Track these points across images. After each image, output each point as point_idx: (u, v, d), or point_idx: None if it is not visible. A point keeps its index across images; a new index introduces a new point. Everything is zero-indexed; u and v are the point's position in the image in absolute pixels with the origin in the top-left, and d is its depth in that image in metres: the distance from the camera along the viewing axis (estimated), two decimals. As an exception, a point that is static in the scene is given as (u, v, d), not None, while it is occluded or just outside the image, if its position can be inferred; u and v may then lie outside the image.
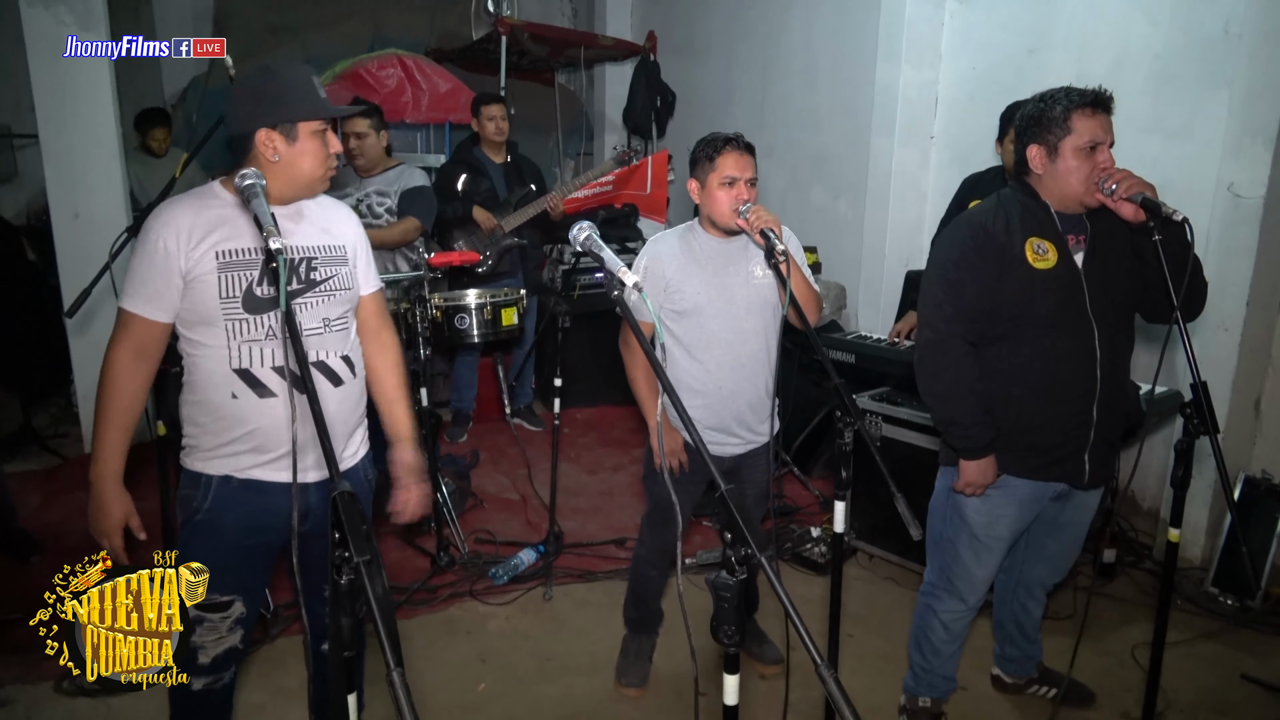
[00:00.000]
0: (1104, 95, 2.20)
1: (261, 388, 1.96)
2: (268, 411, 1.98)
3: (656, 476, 2.77)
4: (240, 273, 1.93)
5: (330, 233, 2.10)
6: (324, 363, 2.04)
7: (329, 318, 2.05)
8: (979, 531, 2.45)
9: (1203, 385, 2.12)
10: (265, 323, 1.95)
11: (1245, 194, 3.44)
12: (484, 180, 4.83)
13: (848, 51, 5.21)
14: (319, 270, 2.04)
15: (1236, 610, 3.39)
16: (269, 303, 1.94)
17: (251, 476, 2.00)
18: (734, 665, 1.53)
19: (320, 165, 1.99)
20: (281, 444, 2.00)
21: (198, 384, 1.98)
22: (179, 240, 1.90)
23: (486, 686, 2.96)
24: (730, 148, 2.49)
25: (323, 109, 1.97)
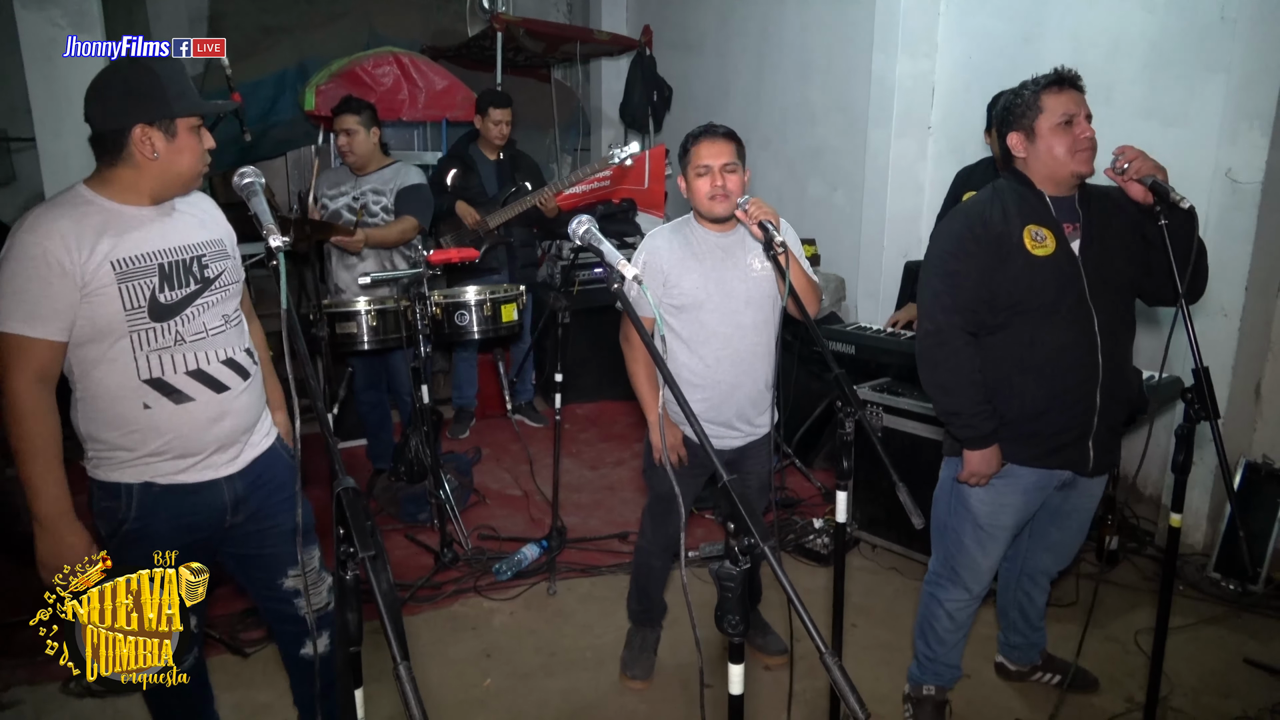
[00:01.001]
0: (1068, 73, 2.27)
1: (178, 394, 1.93)
2: (186, 417, 1.94)
3: (656, 469, 2.78)
4: (140, 281, 1.86)
5: (207, 227, 2.05)
6: (232, 359, 2.03)
7: (228, 314, 2.04)
8: (983, 521, 2.45)
9: (1204, 370, 2.13)
10: (172, 329, 1.91)
11: (1243, 179, 3.44)
12: (474, 176, 4.82)
13: (843, 43, 5.21)
14: (210, 267, 2.00)
15: (1238, 595, 3.40)
16: (175, 307, 1.91)
17: (175, 481, 1.97)
18: (739, 655, 1.54)
19: (198, 162, 1.93)
20: (205, 446, 1.98)
21: (100, 399, 1.88)
22: (69, 252, 1.77)
23: (492, 682, 2.97)
24: (703, 137, 2.52)
25: (201, 105, 1.93)
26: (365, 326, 3.69)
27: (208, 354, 1.97)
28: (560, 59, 7.24)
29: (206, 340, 1.98)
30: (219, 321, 2.00)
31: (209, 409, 1.98)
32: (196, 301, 1.96)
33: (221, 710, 2.53)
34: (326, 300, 3.79)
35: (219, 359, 2.00)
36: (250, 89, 6.10)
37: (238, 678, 2.94)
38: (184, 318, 1.93)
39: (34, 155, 4.64)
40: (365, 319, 3.67)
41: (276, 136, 6.39)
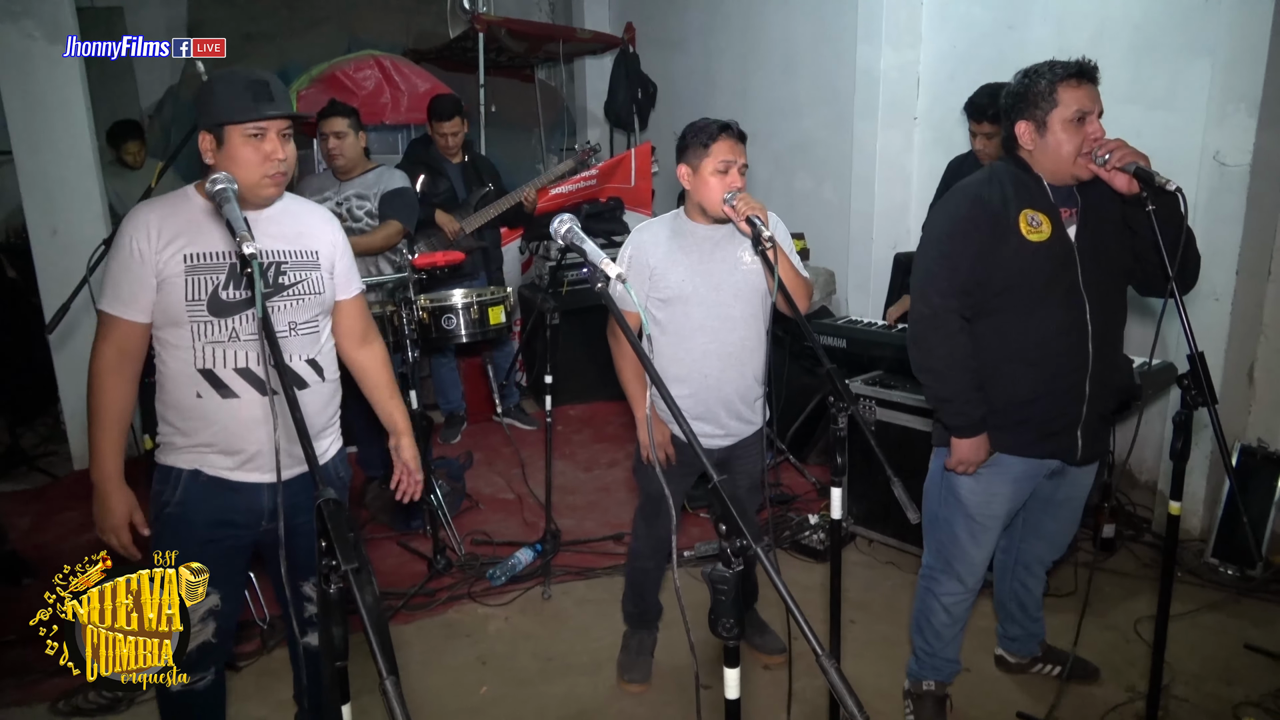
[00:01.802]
0: (1088, 65, 2.19)
1: (225, 389, 1.99)
2: (231, 412, 2.00)
3: (645, 469, 2.75)
4: (206, 276, 1.95)
5: (304, 237, 2.11)
6: (288, 366, 2.03)
7: (295, 321, 2.07)
8: (974, 511, 2.43)
9: (1200, 356, 2.10)
10: (229, 325, 1.97)
11: (1230, 162, 3.42)
12: (443, 181, 4.78)
13: (827, 35, 5.18)
14: (288, 274, 2.05)
15: (1237, 580, 3.39)
16: (234, 306, 1.97)
17: (220, 475, 2.03)
18: (734, 659, 1.51)
19: (254, 170, 1.95)
20: (247, 446, 2.02)
21: (166, 383, 2.01)
22: (149, 242, 1.92)
23: (489, 689, 2.94)
24: (726, 135, 2.47)
25: (242, 113, 1.92)
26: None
27: (259, 355, 2.00)
28: (543, 58, 7.21)
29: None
30: (282, 327, 2.03)
31: (254, 409, 2.00)
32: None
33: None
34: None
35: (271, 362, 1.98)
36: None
37: (231, 691, 2.87)
38: (244, 317, 1.97)
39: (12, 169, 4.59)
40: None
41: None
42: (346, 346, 2.28)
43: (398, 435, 2.34)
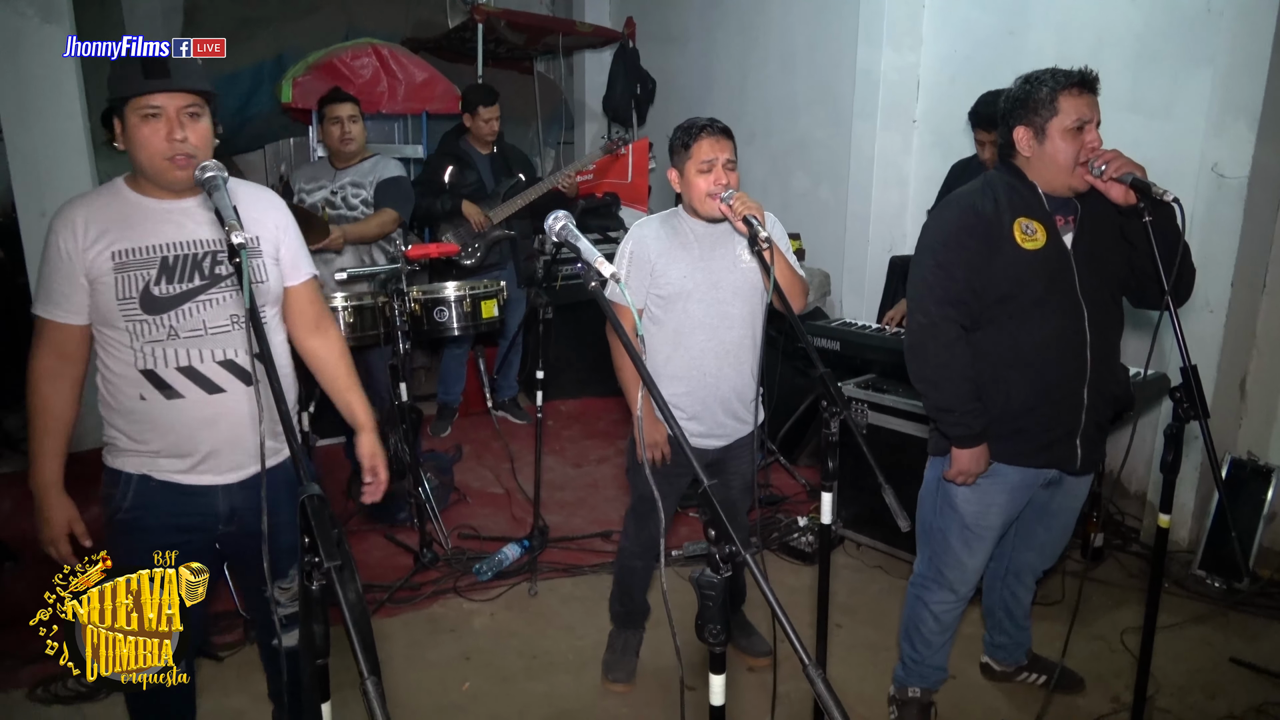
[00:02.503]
0: (1090, 75, 2.18)
1: (168, 389, 1.90)
2: (177, 414, 1.92)
3: (640, 469, 2.73)
4: (136, 272, 1.86)
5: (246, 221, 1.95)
6: (233, 361, 1.95)
7: (238, 314, 1.95)
8: (970, 521, 2.41)
9: (1193, 369, 2.09)
10: (166, 323, 1.88)
11: (1229, 173, 3.42)
12: (471, 172, 4.76)
13: (827, 35, 5.17)
14: (226, 264, 1.92)
15: (1224, 592, 3.39)
16: (169, 301, 1.88)
17: (171, 480, 1.96)
18: (720, 665, 1.49)
19: (152, 153, 1.83)
20: (197, 448, 1.94)
21: (108, 384, 1.94)
22: (76, 240, 1.85)
23: (471, 685, 2.92)
24: (705, 133, 2.45)
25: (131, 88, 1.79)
26: (341, 323, 3.62)
27: (201, 352, 1.91)
28: (542, 51, 7.17)
29: (204, 338, 1.91)
30: (224, 320, 1.93)
31: (201, 409, 1.92)
32: (199, 297, 1.90)
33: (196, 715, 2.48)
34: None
35: (215, 359, 1.93)
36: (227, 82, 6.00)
37: (212, 681, 2.88)
38: (181, 312, 1.89)
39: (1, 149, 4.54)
40: (342, 315, 3.60)
41: (254, 130, 6.30)
42: (299, 335, 2.16)
43: (359, 430, 2.21)
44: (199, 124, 1.86)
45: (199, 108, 1.86)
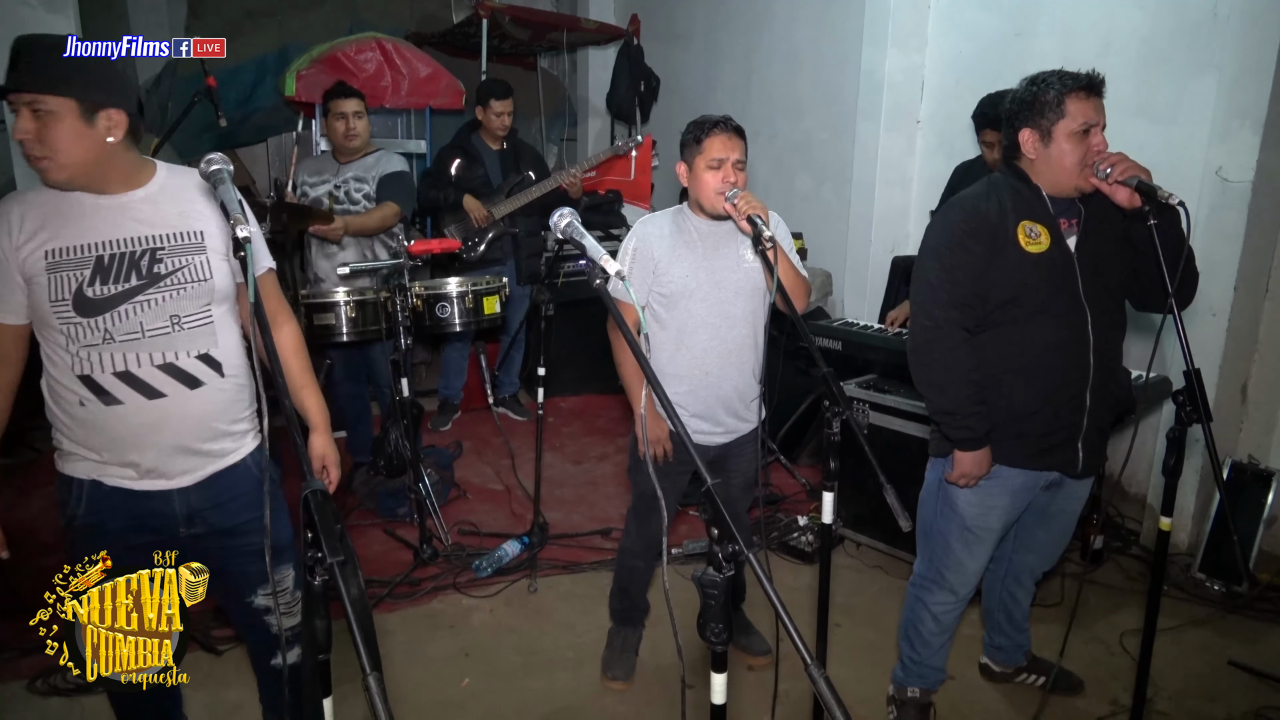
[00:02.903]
0: (1097, 78, 2.17)
1: (106, 395, 1.84)
2: (117, 420, 1.85)
3: (641, 467, 2.73)
4: (69, 273, 1.79)
5: (187, 217, 1.89)
6: (174, 364, 1.87)
7: (179, 315, 1.87)
8: (971, 523, 2.41)
9: (1196, 373, 2.09)
10: (101, 326, 1.80)
11: (1233, 178, 3.42)
12: (478, 167, 4.76)
13: (832, 36, 5.16)
14: (164, 262, 1.85)
15: (1223, 596, 3.39)
16: (104, 304, 1.80)
17: (121, 486, 1.90)
18: (721, 664, 1.49)
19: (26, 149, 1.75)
20: (142, 457, 1.88)
21: (51, 388, 1.88)
22: (11, 238, 1.78)
23: (470, 682, 2.92)
24: (718, 130, 2.44)
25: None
26: (344, 318, 3.62)
27: (139, 356, 1.84)
28: (546, 47, 7.17)
29: (141, 341, 1.84)
30: (163, 322, 1.85)
31: (141, 415, 1.85)
32: (136, 298, 1.82)
33: (192, 710, 2.47)
34: (305, 290, 3.72)
35: (154, 363, 1.85)
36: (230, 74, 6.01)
37: (209, 676, 2.87)
38: (116, 315, 1.81)
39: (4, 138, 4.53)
40: (344, 310, 3.60)
41: (257, 123, 6.30)
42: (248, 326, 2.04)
43: (311, 430, 2.12)
44: (49, 124, 1.73)
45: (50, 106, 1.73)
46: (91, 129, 1.77)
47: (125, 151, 1.86)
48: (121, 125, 1.82)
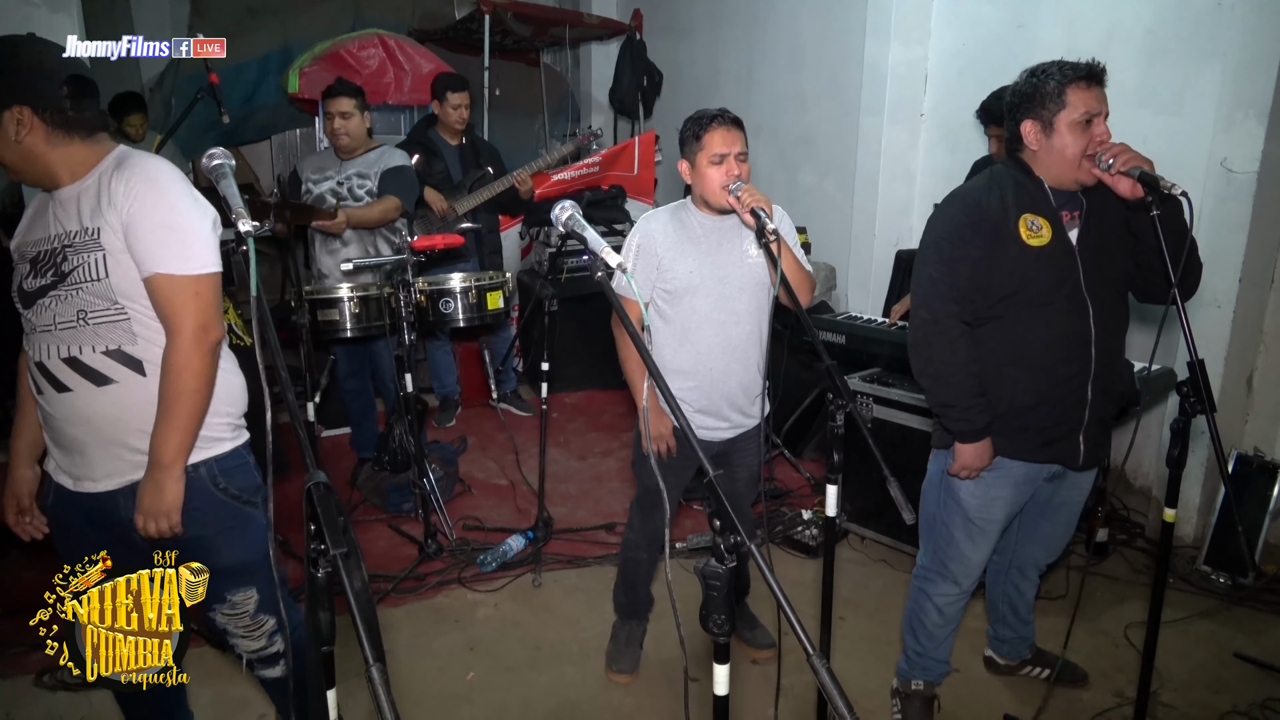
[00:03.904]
0: (1098, 68, 2.16)
1: (37, 383, 1.89)
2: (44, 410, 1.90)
3: (645, 462, 2.73)
4: (18, 266, 1.88)
5: (95, 212, 1.80)
6: (77, 359, 1.84)
7: (85, 310, 1.81)
8: (973, 514, 2.41)
9: (1200, 364, 2.08)
10: (30, 318, 1.87)
11: (1238, 169, 3.40)
12: (438, 162, 4.75)
13: (835, 29, 5.15)
14: (70, 259, 1.81)
15: (1229, 588, 3.38)
16: (32, 296, 1.84)
17: (61, 483, 1.94)
18: (724, 655, 1.49)
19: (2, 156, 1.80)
20: (61, 448, 1.90)
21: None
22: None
23: (475, 676, 2.93)
24: (716, 124, 2.43)
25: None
26: (348, 313, 3.63)
27: (49, 348, 1.85)
28: (549, 43, 7.16)
29: (52, 334, 1.84)
30: (70, 316, 1.82)
31: (54, 407, 1.87)
32: (51, 293, 1.82)
33: (199, 705, 2.48)
34: (309, 286, 3.73)
35: (60, 355, 1.84)
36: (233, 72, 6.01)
37: (217, 672, 2.88)
38: (38, 308, 1.84)
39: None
40: (348, 306, 3.61)
41: (260, 120, 6.30)
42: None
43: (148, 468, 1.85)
44: None
45: None
46: (2, 132, 1.76)
47: (60, 147, 1.82)
48: (29, 122, 1.76)
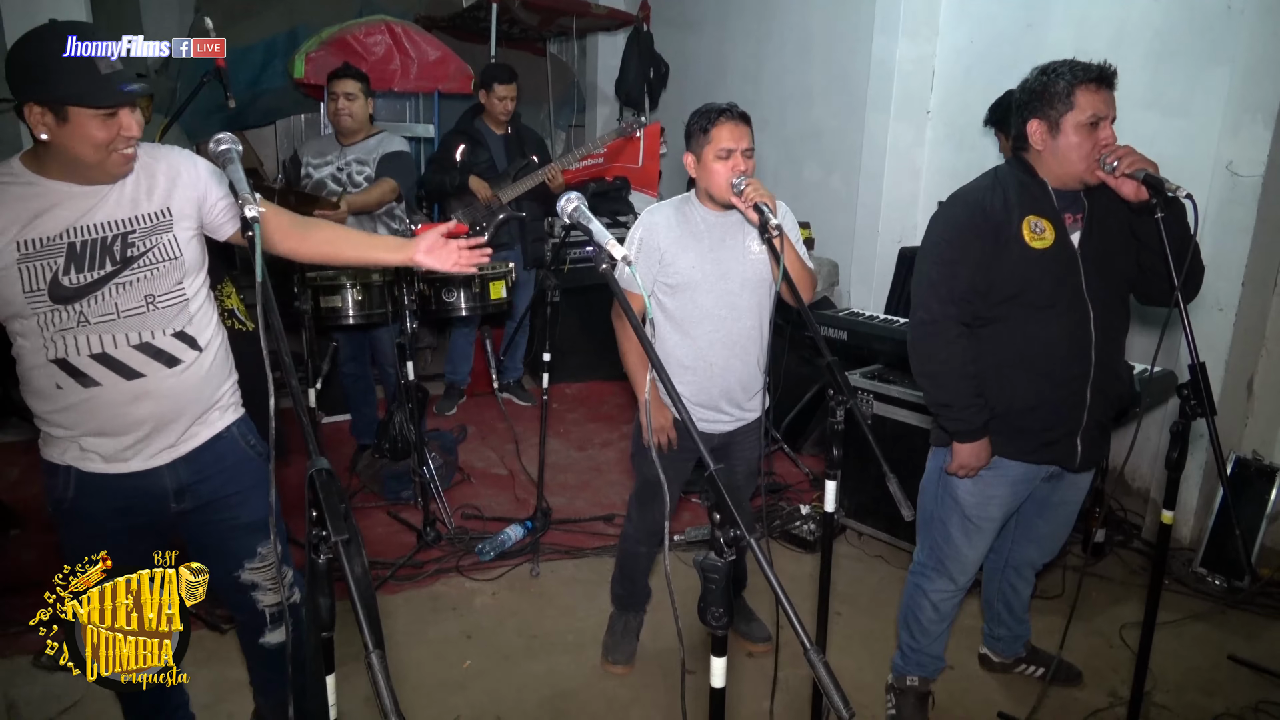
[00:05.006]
0: (1108, 70, 2.15)
1: (84, 377, 1.84)
2: (96, 402, 1.85)
3: (645, 453, 2.73)
4: (43, 262, 1.77)
5: (152, 197, 1.87)
6: (150, 344, 1.87)
7: (153, 294, 1.86)
8: (970, 512, 2.42)
9: (1201, 366, 2.08)
10: (76, 310, 1.80)
11: (1244, 172, 3.40)
12: (483, 151, 4.75)
13: (843, 24, 5.13)
14: (135, 244, 1.84)
15: (1224, 591, 3.39)
16: (78, 291, 1.80)
17: (101, 471, 1.90)
18: (721, 648, 1.50)
19: (98, 151, 1.74)
20: (125, 432, 1.89)
21: (25, 374, 1.87)
22: None
23: (472, 664, 2.94)
24: (725, 118, 2.42)
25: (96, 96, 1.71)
26: (350, 301, 3.63)
27: (115, 337, 1.84)
28: (556, 33, 7.14)
29: (117, 322, 1.84)
30: (138, 303, 1.85)
31: (120, 395, 1.86)
32: (112, 282, 1.82)
33: (196, 687, 2.49)
34: (312, 272, 3.73)
35: (130, 343, 1.85)
36: (239, 55, 5.99)
37: (213, 654, 2.89)
38: (91, 299, 1.81)
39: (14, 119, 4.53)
40: (350, 293, 3.61)
41: (265, 105, 6.29)
42: (291, 245, 2.05)
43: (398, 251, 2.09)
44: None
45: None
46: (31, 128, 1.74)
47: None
48: (38, 120, 1.72)
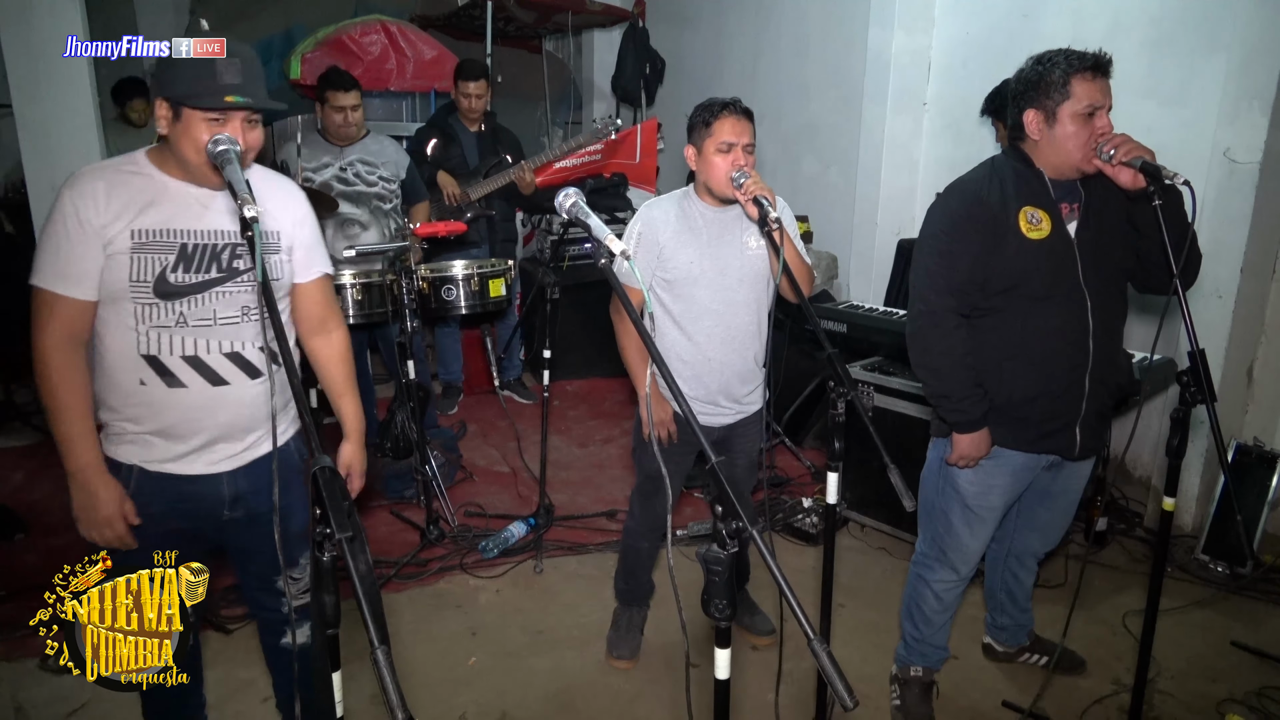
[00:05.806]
0: (1104, 59, 2.15)
1: (170, 377, 1.86)
2: (177, 402, 1.87)
3: (645, 448, 2.74)
4: (154, 255, 1.80)
5: (265, 216, 1.87)
6: (239, 354, 1.91)
7: (249, 306, 1.91)
8: (971, 502, 2.43)
9: (1200, 353, 2.09)
10: (176, 309, 1.83)
11: (1241, 159, 3.40)
12: (455, 147, 4.75)
13: (839, 17, 5.13)
14: (244, 258, 1.89)
15: (1227, 577, 3.40)
16: (182, 290, 1.83)
17: (167, 471, 1.91)
18: (725, 640, 1.50)
19: (197, 154, 1.77)
20: (195, 435, 1.91)
21: (106, 364, 1.87)
22: (97, 211, 1.76)
23: (477, 660, 2.95)
24: (727, 112, 2.42)
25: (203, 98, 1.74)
26: (350, 300, 3.63)
27: (209, 342, 1.87)
28: (552, 30, 7.13)
29: (213, 329, 1.87)
30: (234, 312, 1.89)
31: (202, 399, 1.88)
32: (215, 288, 1.86)
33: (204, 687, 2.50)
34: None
35: (221, 350, 1.89)
36: (235, 57, 5.98)
37: (220, 654, 2.90)
38: (193, 300, 1.84)
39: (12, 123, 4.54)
40: (350, 293, 3.61)
41: (262, 105, 6.27)
42: (303, 332, 2.12)
43: (348, 436, 2.16)
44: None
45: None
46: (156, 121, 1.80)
47: None
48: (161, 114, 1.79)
